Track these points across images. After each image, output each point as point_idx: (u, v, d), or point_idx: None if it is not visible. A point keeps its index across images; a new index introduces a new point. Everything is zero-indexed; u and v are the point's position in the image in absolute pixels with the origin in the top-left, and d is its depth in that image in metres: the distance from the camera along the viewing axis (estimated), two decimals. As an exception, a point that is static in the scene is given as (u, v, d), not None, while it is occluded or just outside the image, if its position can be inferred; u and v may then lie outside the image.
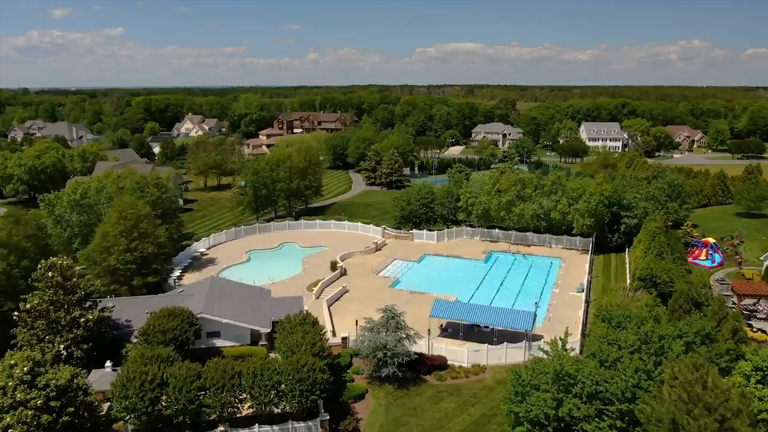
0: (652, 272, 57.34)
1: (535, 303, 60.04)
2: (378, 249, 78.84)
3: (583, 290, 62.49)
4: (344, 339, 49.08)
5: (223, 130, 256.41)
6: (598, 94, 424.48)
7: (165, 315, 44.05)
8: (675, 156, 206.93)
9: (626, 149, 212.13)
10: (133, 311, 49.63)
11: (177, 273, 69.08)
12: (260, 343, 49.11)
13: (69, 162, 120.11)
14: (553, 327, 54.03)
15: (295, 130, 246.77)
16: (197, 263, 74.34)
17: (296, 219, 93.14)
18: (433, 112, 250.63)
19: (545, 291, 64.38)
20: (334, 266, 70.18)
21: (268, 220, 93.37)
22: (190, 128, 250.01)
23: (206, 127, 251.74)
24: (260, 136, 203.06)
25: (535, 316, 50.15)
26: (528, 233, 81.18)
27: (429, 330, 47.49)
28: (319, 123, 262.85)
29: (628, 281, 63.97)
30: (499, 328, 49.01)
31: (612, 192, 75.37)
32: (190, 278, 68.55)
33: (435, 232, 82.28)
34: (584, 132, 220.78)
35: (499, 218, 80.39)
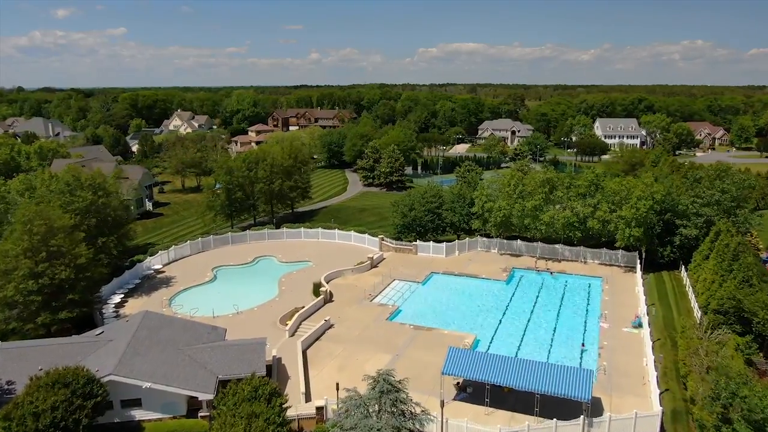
0: (739, 305, 42.55)
1: (582, 345, 45.35)
2: (373, 266, 64.03)
3: (641, 325, 47.65)
4: (320, 409, 34.32)
5: (215, 127, 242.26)
6: (603, 93, 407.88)
7: (48, 384, 29.39)
8: (698, 154, 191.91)
9: (644, 147, 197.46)
10: (22, 365, 34.99)
11: (117, 299, 54.49)
12: (200, 415, 34.43)
13: (24, 160, 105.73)
14: (611, 383, 39.20)
15: (291, 127, 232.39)
16: (148, 284, 59.62)
17: (277, 227, 78.38)
18: (436, 108, 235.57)
19: (589, 325, 49.48)
20: (317, 289, 55.46)
21: (245, 228, 78.63)
22: (178, 125, 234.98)
23: (196, 124, 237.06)
24: (249, 133, 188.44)
25: (592, 373, 35.26)
26: (557, 245, 66.35)
27: (442, 402, 32.60)
28: (316, 120, 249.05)
29: (697, 313, 49.17)
30: (542, 393, 34.16)
31: (664, 195, 60.51)
32: (134, 305, 53.93)
33: (443, 244, 67.45)
34: (599, 128, 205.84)
35: (522, 227, 65.55)
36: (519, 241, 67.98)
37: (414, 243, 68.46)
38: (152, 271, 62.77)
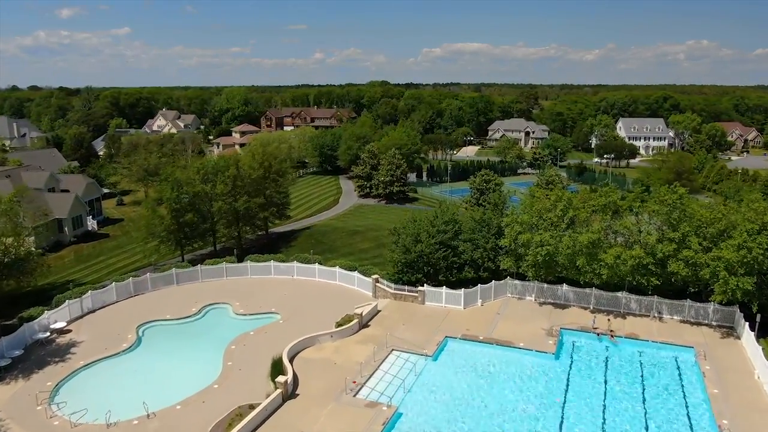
0: None
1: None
2: (363, 325, 45.33)
3: (796, 457, 28.98)
4: None
5: (202, 127, 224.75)
6: (610, 92, 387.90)
7: None
8: (733, 158, 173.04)
9: (672, 149, 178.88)
10: None
11: (-29, 389, 36.06)
12: None
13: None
14: None
15: (285, 128, 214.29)
16: (36, 356, 41.18)
17: (240, 258, 59.82)
18: (442, 106, 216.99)
19: (706, 449, 30.78)
20: (276, 372, 36.93)
21: (201, 259, 60.19)
22: (162, 125, 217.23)
23: (181, 124, 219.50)
24: (234, 134, 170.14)
25: None
26: (620, 293, 47.59)
27: None
28: (313, 119, 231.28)
29: None
30: None
31: (781, 227, 41.76)
32: (-4, 399, 35.55)
33: (461, 291, 48.68)
34: (622, 129, 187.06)
35: (573, 269, 46.78)
36: (565, 287, 49.24)
37: (420, 288, 49.77)
38: (49, 333, 44.27)
